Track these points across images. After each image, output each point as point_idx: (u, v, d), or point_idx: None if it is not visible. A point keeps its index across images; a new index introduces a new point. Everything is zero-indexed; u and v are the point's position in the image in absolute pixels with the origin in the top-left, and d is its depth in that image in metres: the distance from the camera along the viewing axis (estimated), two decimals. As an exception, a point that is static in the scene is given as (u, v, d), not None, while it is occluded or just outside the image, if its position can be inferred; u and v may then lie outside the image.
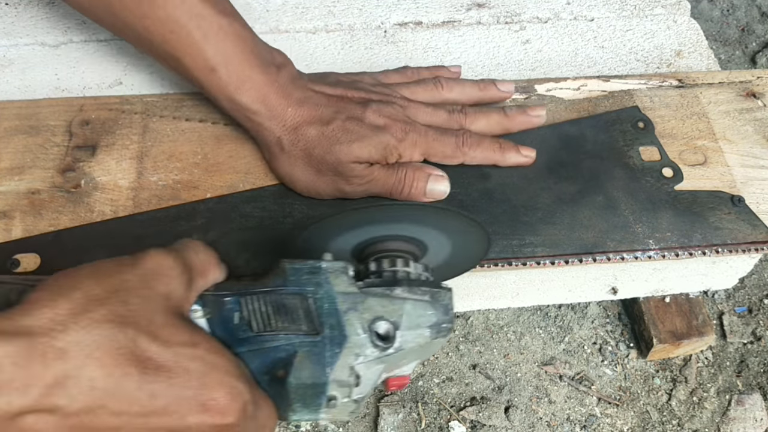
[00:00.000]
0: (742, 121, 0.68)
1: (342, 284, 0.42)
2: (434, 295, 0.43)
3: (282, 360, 0.40)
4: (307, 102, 0.55)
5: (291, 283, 0.41)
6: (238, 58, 0.54)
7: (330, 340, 0.40)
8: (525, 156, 0.61)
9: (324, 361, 0.40)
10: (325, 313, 0.41)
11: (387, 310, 0.42)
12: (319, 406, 0.40)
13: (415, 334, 0.42)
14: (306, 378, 0.39)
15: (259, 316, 0.40)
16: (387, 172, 0.57)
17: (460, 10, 0.77)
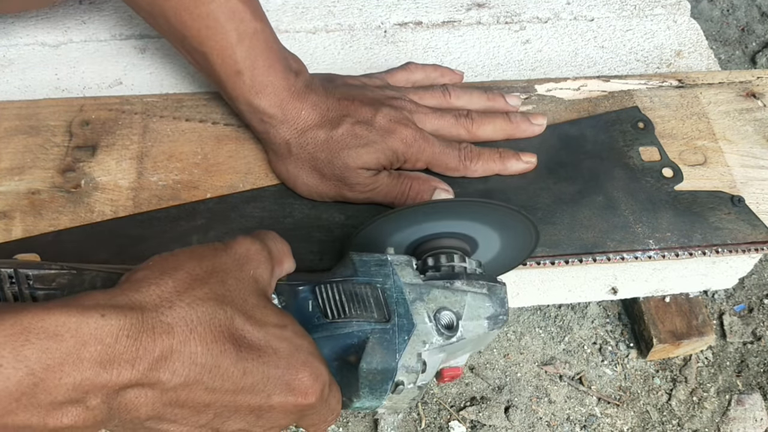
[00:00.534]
0: (742, 121, 0.68)
1: (407, 276, 0.44)
2: (491, 288, 0.46)
3: (354, 346, 0.41)
4: (318, 106, 0.56)
5: (361, 273, 0.43)
6: (265, 64, 0.54)
7: (399, 328, 0.42)
8: (526, 162, 0.61)
9: (394, 348, 0.41)
10: (393, 302, 0.43)
11: (450, 301, 0.44)
12: (385, 392, 0.42)
13: (475, 324, 0.44)
14: (377, 363, 0.41)
15: (333, 303, 0.42)
16: (392, 182, 0.57)
17: (460, 10, 0.77)
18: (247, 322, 0.37)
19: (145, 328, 0.33)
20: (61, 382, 0.31)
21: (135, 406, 0.34)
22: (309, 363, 0.38)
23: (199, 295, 0.36)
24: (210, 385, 0.35)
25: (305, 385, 0.37)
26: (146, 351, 0.33)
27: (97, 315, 0.33)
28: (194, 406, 0.35)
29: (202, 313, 0.35)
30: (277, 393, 0.37)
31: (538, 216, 0.60)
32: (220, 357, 0.35)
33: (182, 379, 0.34)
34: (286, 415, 0.38)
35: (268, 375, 0.36)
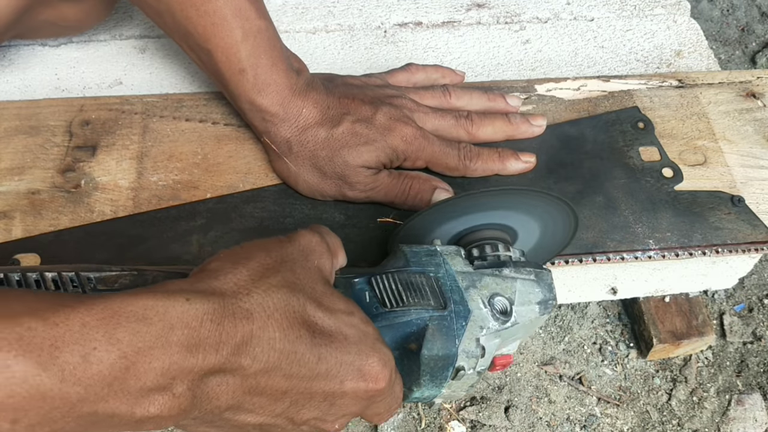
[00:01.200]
0: (742, 121, 0.68)
1: (458, 265, 0.45)
2: (538, 275, 0.47)
3: (414, 334, 0.42)
4: (319, 104, 0.56)
5: (413, 264, 0.44)
6: (268, 62, 0.54)
7: (456, 314, 0.43)
8: (525, 162, 0.61)
9: (453, 333, 0.42)
10: (448, 290, 0.43)
11: (501, 288, 0.45)
12: (446, 378, 0.43)
13: (527, 309, 0.45)
14: (438, 349, 0.42)
15: (391, 293, 0.43)
16: (392, 181, 0.57)
17: (460, 11, 0.77)
18: (318, 309, 0.37)
19: (226, 313, 0.34)
20: (150, 366, 0.32)
21: (216, 395, 0.34)
22: (377, 349, 0.38)
23: (273, 282, 0.36)
24: (288, 371, 0.35)
25: (376, 371, 0.38)
26: (229, 336, 0.34)
27: (182, 299, 0.33)
28: (272, 394, 0.36)
29: (277, 300, 0.36)
30: (350, 378, 0.37)
31: None
32: (296, 342, 0.35)
33: (262, 364, 0.34)
34: (357, 402, 0.38)
35: (341, 360, 0.37)
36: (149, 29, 0.73)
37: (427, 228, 0.51)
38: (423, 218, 0.49)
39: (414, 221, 0.50)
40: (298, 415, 0.37)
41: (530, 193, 0.49)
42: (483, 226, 0.50)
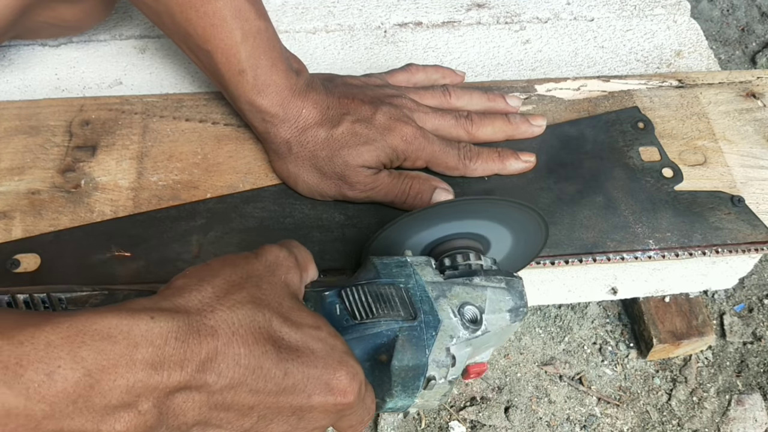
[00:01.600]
0: (742, 121, 0.68)
1: (428, 275, 0.45)
2: (509, 282, 0.47)
3: (384, 345, 0.42)
4: (319, 104, 0.56)
5: (383, 275, 0.44)
6: (268, 63, 0.54)
7: (426, 324, 0.43)
8: (525, 161, 0.61)
9: (423, 344, 0.42)
10: (418, 300, 0.44)
11: (471, 296, 0.45)
12: (417, 388, 0.43)
13: (498, 317, 0.46)
14: (408, 360, 0.42)
15: (360, 305, 0.43)
16: (392, 181, 0.57)
17: (460, 11, 0.77)
18: (284, 324, 0.37)
19: (191, 330, 0.34)
20: (115, 384, 0.32)
21: (183, 411, 0.34)
22: (345, 362, 0.38)
23: (238, 299, 0.36)
24: (254, 386, 0.35)
25: (343, 384, 0.38)
26: (193, 353, 0.34)
27: (146, 318, 0.33)
28: (239, 409, 0.36)
29: (242, 316, 0.36)
30: (317, 393, 0.37)
31: None
32: (262, 358, 0.35)
33: (227, 380, 0.35)
34: (326, 416, 0.38)
35: (307, 375, 0.37)
36: (149, 29, 0.73)
37: (399, 238, 0.51)
38: (394, 229, 0.50)
39: (385, 232, 0.50)
40: (266, 429, 0.37)
41: (500, 202, 0.50)
42: (455, 236, 0.51)
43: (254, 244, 0.57)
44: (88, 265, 0.55)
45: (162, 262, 0.55)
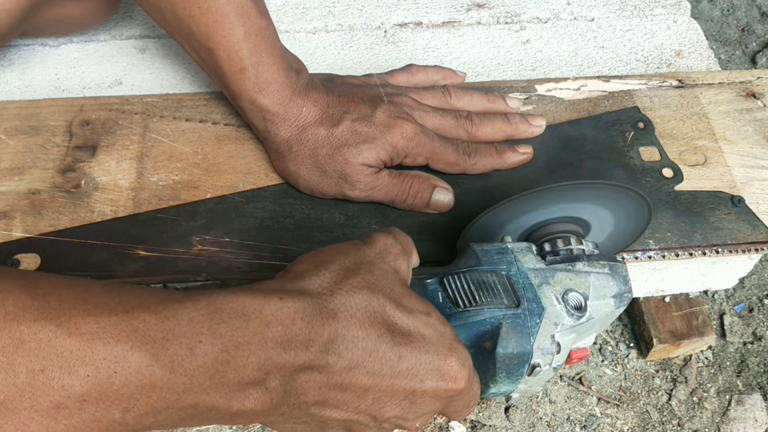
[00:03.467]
0: (742, 121, 0.68)
1: (530, 262, 0.45)
2: (612, 267, 0.46)
3: (488, 332, 0.42)
4: (319, 103, 0.56)
5: (485, 262, 0.44)
6: (269, 61, 0.54)
7: (530, 312, 0.43)
8: (522, 153, 0.62)
9: (528, 331, 0.42)
10: (521, 288, 0.44)
11: (575, 283, 0.45)
12: (521, 375, 0.43)
13: (602, 303, 0.45)
14: (513, 347, 0.42)
15: (463, 293, 0.43)
16: (393, 180, 0.57)
17: (460, 11, 0.77)
18: (397, 310, 0.38)
19: (314, 312, 0.36)
20: (248, 360, 0.33)
21: (304, 390, 0.36)
22: (455, 349, 0.39)
23: (354, 284, 0.37)
24: (370, 368, 0.36)
25: (454, 371, 0.38)
26: (317, 334, 0.35)
27: (276, 298, 0.35)
28: (356, 391, 0.37)
29: (359, 300, 0.37)
30: (429, 378, 0.38)
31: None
32: (378, 341, 0.36)
33: (347, 362, 0.36)
34: (437, 401, 0.39)
35: (420, 360, 0.37)
36: (149, 29, 0.73)
37: (496, 225, 0.50)
38: (492, 215, 0.49)
39: (483, 219, 0.50)
40: (380, 412, 0.38)
41: (601, 185, 0.49)
42: (554, 220, 0.50)
43: (254, 244, 0.57)
44: (88, 265, 0.55)
45: (162, 262, 0.55)
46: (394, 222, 0.59)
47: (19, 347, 0.29)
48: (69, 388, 0.30)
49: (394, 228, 0.44)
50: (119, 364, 0.31)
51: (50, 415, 0.30)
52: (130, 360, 0.31)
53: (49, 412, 0.30)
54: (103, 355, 0.30)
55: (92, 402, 0.30)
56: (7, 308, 0.30)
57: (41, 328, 0.30)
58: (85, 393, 0.30)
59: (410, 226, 0.59)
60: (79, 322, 0.31)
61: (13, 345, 0.29)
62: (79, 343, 0.30)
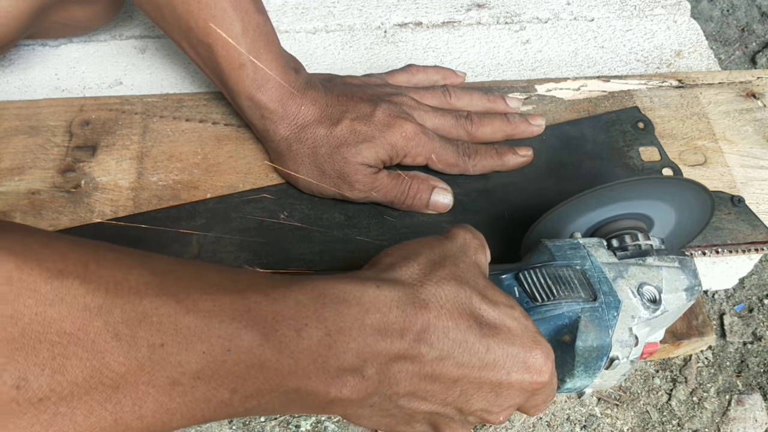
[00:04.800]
0: (742, 121, 0.68)
1: (602, 256, 0.46)
2: (682, 261, 0.47)
3: (566, 326, 0.43)
4: (318, 102, 0.56)
5: (558, 257, 0.45)
6: (267, 58, 0.54)
7: (607, 305, 0.43)
8: (523, 155, 0.62)
9: (606, 324, 0.43)
10: (596, 281, 0.44)
11: (648, 277, 0.45)
12: (599, 369, 0.44)
13: (675, 297, 0.46)
14: (592, 340, 0.43)
15: (540, 287, 0.43)
16: (392, 181, 0.57)
17: (460, 11, 0.77)
18: (483, 302, 0.38)
19: (408, 301, 0.36)
20: (348, 346, 0.34)
21: (397, 380, 0.36)
22: (539, 342, 0.39)
23: (442, 275, 0.38)
24: (460, 359, 0.37)
25: (539, 363, 0.39)
26: (411, 323, 0.35)
27: (374, 286, 0.36)
28: (445, 382, 0.37)
29: (448, 292, 0.37)
30: (516, 370, 0.38)
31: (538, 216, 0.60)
32: (467, 332, 0.37)
33: (438, 352, 0.36)
34: (521, 393, 0.39)
35: (507, 352, 0.38)
36: (149, 29, 0.73)
37: (562, 222, 0.51)
38: (557, 214, 0.50)
39: (550, 216, 0.50)
40: (466, 404, 0.38)
41: (664, 180, 0.50)
42: (618, 217, 0.51)
43: (254, 243, 0.57)
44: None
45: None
46: (394, 222, 0.59)
47: (141, 321, 0.30)
48: (185, 364, 0.30)
49: (466, 225, 0.45)
50: (233, 342, 0.31)
51: (166, 391, 0.30)
52: (243, 338, 0.31)
53: (165, 388, 0.30)
54: (218, 332, 0.31)
55: (205, 380, 0.31)
56: (130, 282, 0.30)
57: (162, 304, 0.30)
58: (199, 370, 0.30)
59: (410, 227, 0.59)
60: (196, 300, 0.31)
61: (136, 318, 0.30)
62: (196, 319, 0.31)
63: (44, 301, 0.28)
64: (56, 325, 0.28)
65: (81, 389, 0.28)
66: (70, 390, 0.28)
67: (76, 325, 0.28)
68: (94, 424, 0.29)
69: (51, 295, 0.28)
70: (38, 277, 0.28)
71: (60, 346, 0.28)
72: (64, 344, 0.28)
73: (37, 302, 0.28)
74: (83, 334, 0.28)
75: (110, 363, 0.29)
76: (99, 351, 0.29)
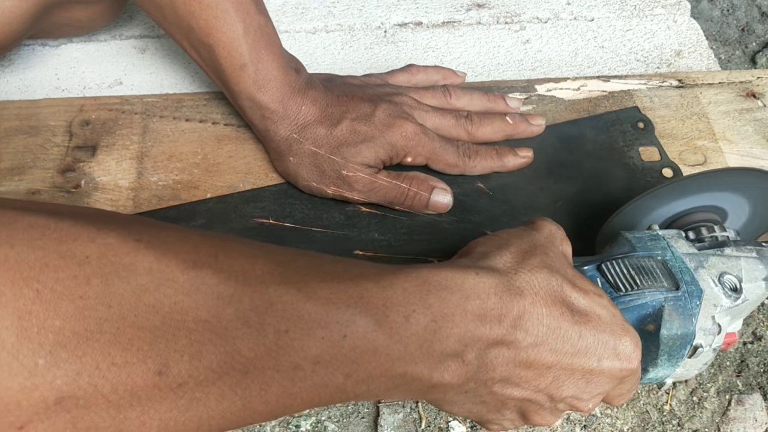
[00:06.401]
0: (742, 121, 0.68)
1: (682, 247, 0.46)
2: (759, 252, 0.47)
3: (650, 315, 0.44)
4: (318, 102, 0.56)
5: (639, 248, 0.46)
6: (268, 58, 0.54)
7: (689, 294, 0.44)
8: (523, 157, 0.62)
9: (690, 312, 0.43)
10: (678, 271, 0.45)
11: (727, 266, 0.46)
12: (682, 357, 0.44)
13: (755, 286, 0.46)
14: (677, 329, 0.43)
15: (623, 277, 0.44)
16: (391, 182, 0.57)
17: (460, 11, 0.77)
18: (574, 290, 0.39)
19: (505, 288, 0.37)
20: (451, 332, 0.35)
21: (493, 366, 0.37)
22: (628, 329, 0.40)
23: (534, 263, 0.38)
24: (553, 346, 0.37)
25: (629, 350, 0.39)
26: (508, 309, 0.36)
27: (473, 273, 0.37)
28: (538, 368, 0.38)
29: (541, 279, 0.38)
30: (606, 357, 0.39)
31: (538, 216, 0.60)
32: (560, 319, 0.37)
33: (533, 338, 0.37)
34: (610, 381, 0.40)
35: (598, 339, 0.38)
36: (149, 29, 0.73)
37: (637, 215, 0.52)
38: (633, 206, 0.51)
39: (625, 210, 0.51)
40: (558, 391, 0.39)
41: (738, 171, 0.50)
42: (693, 209, 0.51)
43: (254, 244, 0.57)
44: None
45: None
46: (394, 222, 0.59)
47: (268, 308, 0.31)
48: (306, 349, 0.31)
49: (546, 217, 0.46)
50: (349, 328, 0.32)
51: (288, 376, 0.31)
52: (358, 324, 0.32)
53: (288, 373, 0.31)
54: (336, 318, 0.32)
55: (323, 364, 0.32)
56: (256, 272, 0.32)
57: (285, 292, 0.32)
58: (318, 355, 0.32)
59: (410, 226, 0.59)
60: (315, 288, 0.32)
61: (263, 306, 0.31)
62: (316, 306, 0.32)
63: (182, 291, 0.29)
64: (193, 313, 0.29)
65: (215, 374, 0.29)
66: (206, 375, 0.29)
67: (211, 312, 0.29)
68: (225, 408, 0.30)
69: (187, 285, 0.29)
70: (175, 268, 0.30)
71: (197, 333, 0.29)
72: (200, 331, 0.29)
73: (176, 292, 0.29)
74: (217, 321, 0.30)
75: (241, 349, 0.30)
76: (231, 337, 0.30)
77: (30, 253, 0.27)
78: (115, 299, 0.28)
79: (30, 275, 0.26)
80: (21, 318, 0.26)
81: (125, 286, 0.28)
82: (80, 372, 0.26)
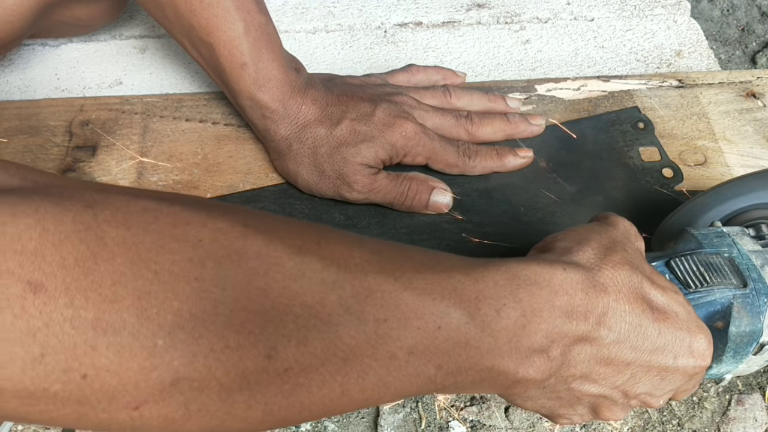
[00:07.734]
0: (742, 121, 0.68)
1: (747, 244, 0.46)
2: None
3: (718, 312, 0.43)
4: (318, 101, 0.56)
5: (706, 245, 0.45)
6: (269, 57, 0.54)
7: (757, 291, 0.44)
8: (523, 157, 0.62)
9: (757, 310, 0.43)
10: (745, 268, 0.44)
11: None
12: (747, 354, 0.44)
13: None
14: (745, 326, 0.43)
15: (692, 274, 0.44)
16: (391, 183, 0.57)
17: (460, 11, 0.77)
18: (652, 287, 0.39)
19: (590, 284, 0.36)
20: (539, 327, 0.35)
21: (575, 362, 0.37)
22: (702, 327, 0.40)
23: (616, 260, 0.38)
24: (634, 343, 0.37)
25: (702, 348, 0.39)
26: (594, 306, 0.36)
27: (560, 268, 0.36)
28: (617, 365, 0.38)
29: (623, 276, 0.38)
30: (682, 354, 0.39)
31: (538, 216, 0.60)
32: (641, 316, 0.37)
33: (615, 335, 0.37)
34: (682, 377, 0.40)
35: (676, 336, 0.39)
36: (149, 29, 0.73)
37: (697, 213, 0.52)
38: (693, 204, 0.51)
39: (686, 207, 0.51)
40: (633, 388, 0.39)
41: None
42: (752, 207, 0.51)
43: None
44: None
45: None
46: (394, 222, 0.59)
47: (368, 297, 0.31)
48: (403, 339, 0.31)
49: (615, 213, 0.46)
50: (443, 319, 0.32)
51: (384, 365, 0.31)
52: (452, 316, 0.32)
53: (384, 362, 0.31)
54: (431, 309, 0.32)
55: (417, 355, 0.32)
56: (355, 260, 0.32)
57: (383, 281, 0.32)
58: (413, 345, 0.32)
59: (410, 227, 0.59)
60: (411, 278, 0.32)
61: (363, 294, 0.31)
62: (412, 296, 0.32)
63: (289, 276, 0.29)
64: (299, 298, 0.29)
65: (318, 360, 0.29)
66: (310, 361, 0.29)
67: (315, 298, 0.30)
68: (325, 395, 0.30)
69: (294, 270, 0.30)
70: (282, 253, 0.30)
71: (303, 318, 0.29)
72: (306, 317, 0.29)
73: (283, 276, 0.29)
74: (321, 307, 0.30)
75: (343, 336, 0.30)
76: (334, 324, 0.30)
77: (146, 236, 0.27)
78: (228, 282, 0.28)
79: (147, 257, 0.26)
80: (140, 298, 0.26)
81: (237, 269, 0.28)
82: (196, 354, 0.26)
